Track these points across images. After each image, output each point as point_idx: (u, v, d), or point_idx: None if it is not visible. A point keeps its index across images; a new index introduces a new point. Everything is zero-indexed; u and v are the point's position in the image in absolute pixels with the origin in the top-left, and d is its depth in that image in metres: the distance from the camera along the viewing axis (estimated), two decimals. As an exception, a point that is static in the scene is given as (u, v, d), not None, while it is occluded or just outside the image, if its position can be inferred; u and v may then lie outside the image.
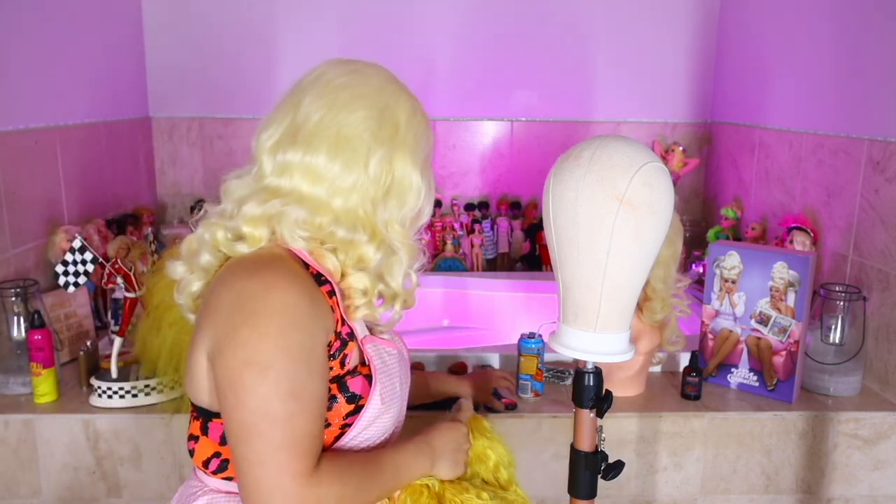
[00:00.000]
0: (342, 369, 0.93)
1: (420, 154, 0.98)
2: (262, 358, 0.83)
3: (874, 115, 1.78)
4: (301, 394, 0.84)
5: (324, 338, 0.90)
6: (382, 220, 0.96)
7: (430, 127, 1.02)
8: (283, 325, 0.85)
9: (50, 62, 2.05)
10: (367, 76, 1.00)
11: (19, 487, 1.57)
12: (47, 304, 1.74)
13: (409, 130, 0.97)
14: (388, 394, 0.97)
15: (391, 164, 0.95)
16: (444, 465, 1.03)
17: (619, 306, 0.96)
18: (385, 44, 2.78)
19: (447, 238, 2.79)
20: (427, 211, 1.01)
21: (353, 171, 0.93)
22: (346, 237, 0.93)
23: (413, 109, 1.00)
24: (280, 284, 0.87)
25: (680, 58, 2.85)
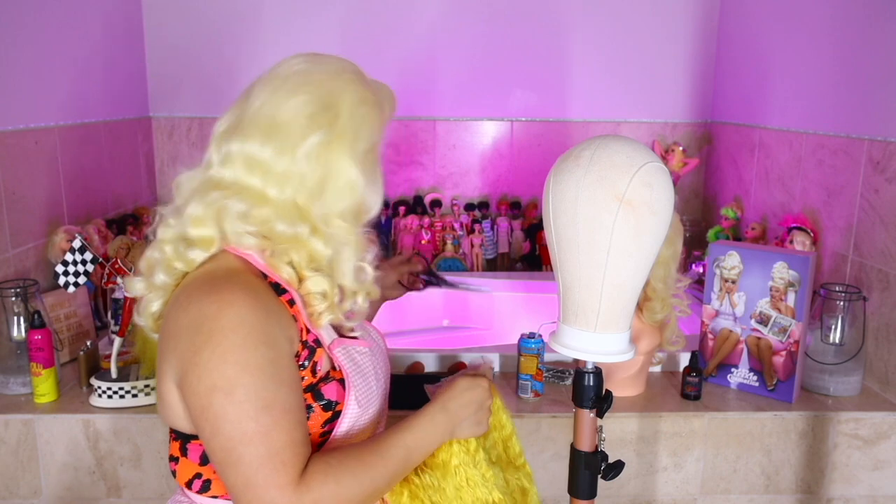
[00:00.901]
0: (314, 377, 0.92)
1: (360, 145, 0.94)
2: (226, 380, 0.82)
3: (874, 115, 1.78)
4: (272, 407, 0.83)
5: (288, 347, 0.88)
6: (321, 213, 0.92)
7: (379, 119, 0.97)
8: (241, 342, 0.83)
9: (50, 62, 2.05)
10: (323, 64, 0.97)
11: (19, 487, 1.57)
12: (47, 304, 1.74)
13: (350, 119, 0.93)
14: (363, 396, 0.96)
15: (326, 154, 0.91)
16: (465, 429, 0.99)
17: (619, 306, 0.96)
18: (385, 44, 2.78)
19: (447, 238, 2.79)
20: (372, 206, 0.97)
21: (284, 157, 0.90)
22: (286, 231, 0.91)
23: (362, 99, 0.95)
24: (235, 301, 0.85)
25: (680, 58, 2.85)
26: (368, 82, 0.99)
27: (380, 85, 1.01)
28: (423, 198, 2.89)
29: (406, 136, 2.87)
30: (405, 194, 2.93)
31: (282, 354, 0.86)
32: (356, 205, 0.94)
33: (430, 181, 2.93)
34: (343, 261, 0.94)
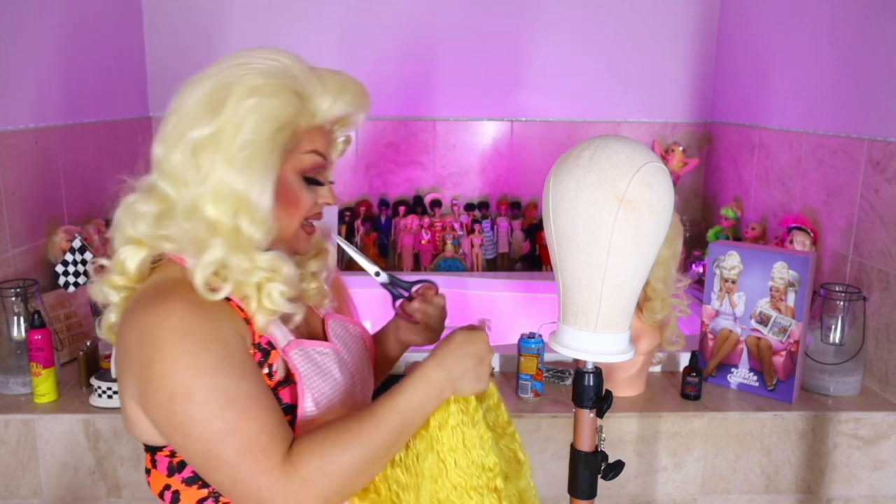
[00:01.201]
0: (271, 381, 0.90)
1: (243, 142, 0.86)
2: (183, 386, 0.81)
3: (874, 115, 1.78)
4: (236, 400, 0.82)
5: (241, 343, 0.87)
6: (210, 219, 0.87)
7: (285, 113, 0.88)
8: (189, 347, 0.82)
9: (50, 62, 2.05)
10: (248, 53, 0.91)
11: (19, 487, 1.57)
12: (47, 304, 1.74)
13: (233, 115, 0.86)
14: (323, 397, 0.93)
15: (203, 151, 0.86)
16: (465, 384, 0.93)
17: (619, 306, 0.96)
18: (385, 44, 2.79)
19: (447, 238, 2.80)
20: (259, 215, 0.88)
21: (174, 153, 0.87)
22: (184, 236, 0.87)
23: (254, 89, 0.87)
24: (175, 310, 0.83)
25: (680, 58, 2.85)
26: (277, 72, 0.89)
27: (319, 75, 0.94)
28: (423, 198, 2.89)
29: (406, 136, 2.87)
30: (405, 194, 2.93)
31: (234, 350, 0.85)
32: (234, 212, 0.87)
33: (430, 181, 2.93)
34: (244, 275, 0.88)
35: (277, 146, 0.89)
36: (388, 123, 2.86)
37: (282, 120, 0.88)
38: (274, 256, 0.90)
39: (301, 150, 0.93)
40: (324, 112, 0.94)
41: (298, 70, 0.92)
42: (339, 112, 0.96)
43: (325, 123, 0.96)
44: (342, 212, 2.81)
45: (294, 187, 0.94)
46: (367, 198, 2.92)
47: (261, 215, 0.88)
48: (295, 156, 0.93)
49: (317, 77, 0.93)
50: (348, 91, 0.95)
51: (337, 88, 0.94)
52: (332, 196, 1.00)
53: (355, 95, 0.96)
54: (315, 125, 0.95)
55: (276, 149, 0.89)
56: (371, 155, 2.88)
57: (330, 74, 0.95)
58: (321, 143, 0.96)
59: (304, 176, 0.95)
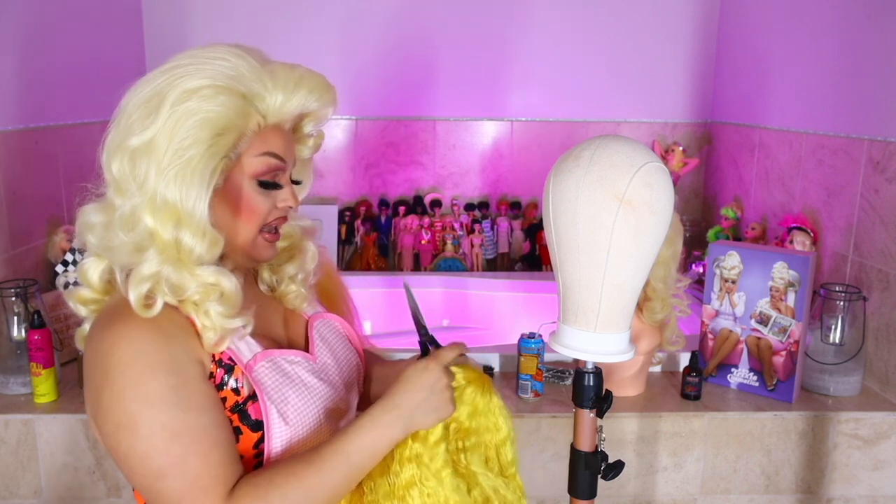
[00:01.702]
0: (238, 396, 0.87)
1: (178, 158, 0.82)
2: (128, 417, 0.79)
3: (874, 115, 1.78)
4: (181, 434, 0.80)
5: (196, 369, 0.84)
6: (149, 230, 0.83)
7: (225, 115, 0.83)
8: (138, 376, 0.80)
9: (50, 62, 2.05)
10: (193, 53, 0.87)
11: (19, 487, 1.57)
12: (47, 304, 1.74)
13: (167, 122, 0.82)
14: (293, 410, 0.89)
15: (138, 158, 0.83)
16: (421, 417, 0.89)
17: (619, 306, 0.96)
18: (385, 44, 2.79)
19: (447, 238, 2.80)
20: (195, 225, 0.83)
21: (113, 164, 0.84)
22: (122, 247, 0.84)
23: (190, 93, 0.83)
24: (126, 333, 0.81)
25: (680, 58, 2.85)
26: (218, 73, 0.85)
27: (271, 72, 0.88)
28: (423, 198, 2.89)
29: (406, 136, 2.87)
30: (405, 194, 2.93)
31: (187, 379, 0.82)
32: (174, 223, 0.83)
33: (430, 181, 2.93)
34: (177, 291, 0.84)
35: (217, 153, 0.84)
36: (388, 123, 2.86)
37: (221, 124, 0.84)
38: (212, 272, 0.85)
39: (253, 152, 0.88)
40: (276, 111, 0.89)
41: (246, 68, 0.86)
42: (295, 109, 0.90)
43: (281, 122, 0.91)
44: (342, 212, 2.81)
45: (246, 193, 0.89)
46: (367, 198, 2.92)
47: (199, 226, 0.84)
48: (246, 159, 0.88)
49: (268, 74, 0.88)
50: (304, 86, 0.90)
51: (290, 85, 0.89)
52: (293, 198, 0.94)
53: (313, 90, 0.91)
54: (269, 125, 0.90)
55: (216, 155, 0.84)
56: (371, 155, 2.88)
57: (283, 70, 0.90)
58: (277, 144, 0.90)
59: (258, 180, 0.89)
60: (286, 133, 0.93)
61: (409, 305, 1.06)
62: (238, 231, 0.90)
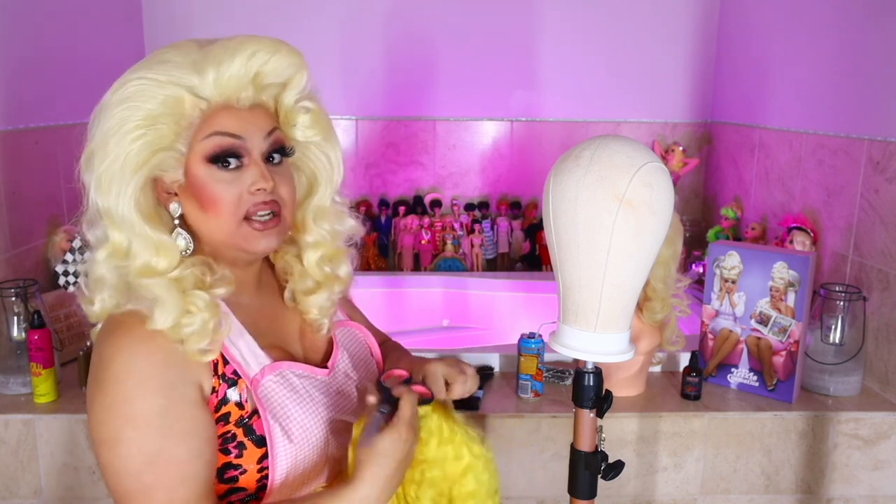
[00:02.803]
0: (243, 410, 0.86)
1: (104, 163, 0.81)
2: (109, 433, 0.80)
3: (874, 115, 1.78)
4: (155, 462, 0.79)
5: (190, 392, 0.83)
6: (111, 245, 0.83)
7: (143, 116, 0.81)
8: (129, 392, 0.80)
9: (50, 62, 2.05)
10: (155, 53, 0.85)
11: (19, 487, 1.57)
12: (47, 304, 1.74)
13: (99, 131, 0.82)
14: (297, 428, 0.87)
15: (87, 166, 0.83)
16: (396, 485, 0.86)
17: (619, 306, 0.96)
18: (385, 44, 2.79)
19: (447, 238, 2.79)
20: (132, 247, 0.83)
21: (84, 176, 0.84)
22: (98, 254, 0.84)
23: (122, 98, 0.81)
24: (125, 347, 0.81)
25: (680, 58, 2.85)
26: (144, 68, 0.82)
27: (207, 51, 0.84)
28: (423, 198, 2.89)
29: (406, 136, 2.87)
30: (405, 194, 2.93)
31: (176, 402, 0.81)
32: (127, 234, 0.83)
33: (430, 181, 2.93)
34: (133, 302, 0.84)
35: (143, 146, 0.82)
36: (388, 123, 2.86)
37: (144, 114, 0.81)
38: (157, 287, 0.83)
39: (200, 136, 0.85)
40: (215, 89, 0.83)
41: (176, 54, 0.83)
42: (236, 80, 0.84)
43: (230, 100, 0.85)
44: (342, 212, 2.81)
45: (205, 181, 0.85)
46: (367, 198, 2.92)
47: (141, 233, 0.83)
48: (196, 145, 0.85)
49: (203, 54, 0.83)
50: (241, 52, 0.83)
51: (225, 56, 0.83)
52: (263, 178, 0.86)
53: (255, 53, 0.84)
54: (215, 106, 0.85)
55: (144, 149, 0.82)
56: (371, 155, 2.88)
57: (219, 44, 0.84)
58: (227, 122, 0.85)
59: (211, 159, 0.85)
60: (243, 111, 0.86)
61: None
62: (212, 226, 0.87)
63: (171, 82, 0.82)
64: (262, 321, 0.96)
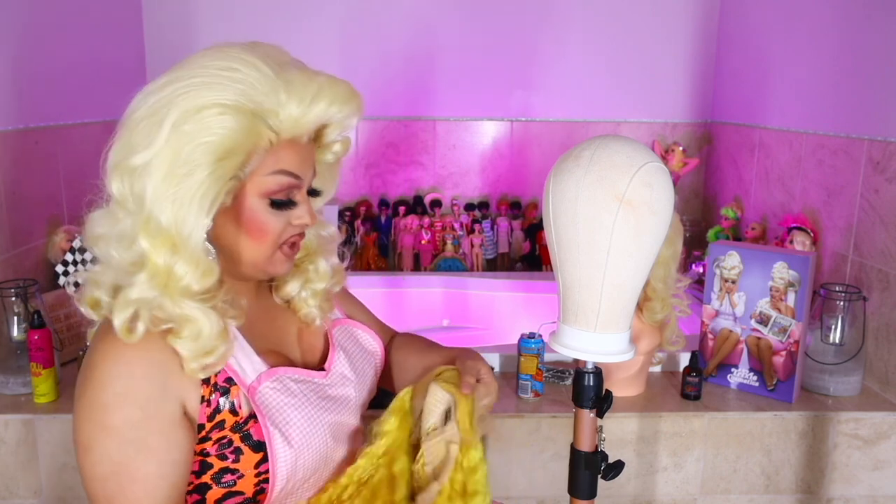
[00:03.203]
0: (237, 416, 0.86)
1: (177, 183, 0.78)
2: (86, 438, 0.80)
3: (874, 115, 1.78)
4: (119, 474, 0.79)
5: (167, 406, 0.82)
6: (143, 252, 0.80)
7: (224, 146, 0.78)
8: (108, 400, 0.79)
9: (50, 62, 2.05)
10: (203, 61, 0.81)
11: (19, 487, 1.57)
12: (47, 304, 1.74)
13: (168, 143, 0.78)
14: (297, 433, 0.87)
15: (137, 178, 0.79)
16: None
17: (619, 306, 0.96)
18: (385, 44, 2.79)
19: (447, 238, 2.79)
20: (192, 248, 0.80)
21: (114, 181, 0.81)
22: (116, 263, 0.82)
23: (192, 113, 0.78)
24: (112, 353, 0.81)
25: (680, 58, 2.85)
26: (227, 87, 0.79)
27: (288, 82, 0.82)
28: (423, 198, 2.89)
29: (406, 136, 2.87)
30: (405, 194, 2.93)
31: (152, 417, 0.81)
32: (170, 249, 0.80)
33: (430, 181, 2.93)
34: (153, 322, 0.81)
35: (220, 177, 0.79)
36: (388, 123, 2.86)
37: (226, 147, 0.79)
38: (194, 309, 0.81)
39: (264, 171, 0.83)
40: (290, 126, 0.83)
41: (257, 79, 0.80)
42: (312, 123, 0.85)
43: (296, 137, 0.85)
44: (342, 212, 2.81)
45: (257, 213, 0.85)
46: (367, 198, 2.92)
47: (193, 256, 0.80)
48: (257, 178, 0.83)
49: (283, 85, 0.81)
50: (323, 98, 0.84)
51: (307, 98, 0.82)
52: (311, 216, 0.88)
53: (333, 101, 0.85)
54: (283, 140, 0.84)
55: (219, 180, 0.80)
56: (371, 155, 2.88)
57: (301, 79, 0.83)
58: (291, 161, 0.85)
59: (271, 199, 0.85)
60: (303, 146, 0.87)
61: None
62: (246, 250, 0.86)
63: (249, 112, 0.80)
64: (260, 325, 0.96)
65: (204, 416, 0.86)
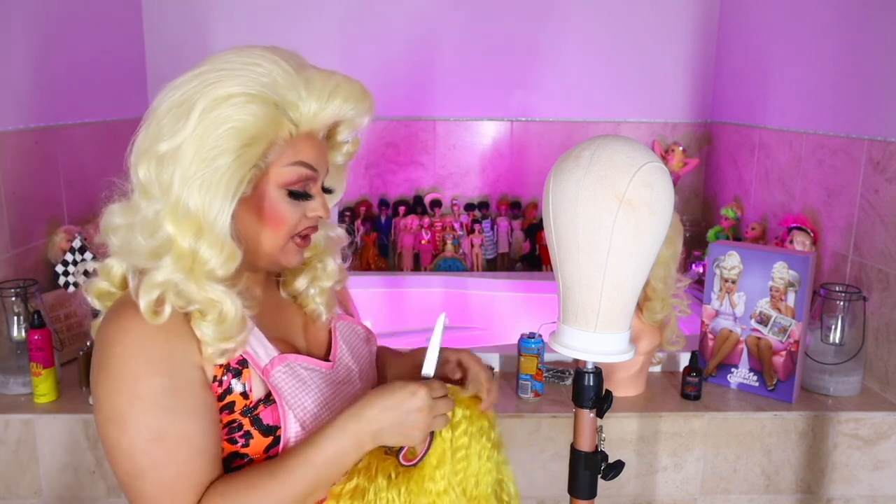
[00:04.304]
0: (248, 400, 0.87)
1: (204, 167, 0.81)
2: (117, 412, 0.81)
3: (874, 115, 1.78)
4: (164, 438, 0.81)
5: (193, 373, 0.84)
6: (169, 237, 0.83)
7: (248, 133, 0.82)
8: (134, 371, 0.81)
9: (50, 62, 2.05)
10: (227, 56, 0.85)
11: (19, 487, 1.57)
12: (47, 304, 1.74)
13: (195, 130, 0.81)
14: (310, 416, 0.90)
15: (166, 164, 0.82)
16: (389, 438, 0.87)
17: (619, 306, 0.96)
18: (385, 44, 2.79)
19: (447, 238, 2.79)
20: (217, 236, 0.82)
21: (140, 167, 0.84)
22: (142, 249, 0.84)
23: (220, 101, 0.82)
24: (130, 328, 0.82)
25: (680, 58, 2.85)
26: (251, 80, 0.83)
27: (307, 79, 0.86)
28: (423, 198, 2.89)
29: (406, 136, 2.87)
30: (405, 194, 2.93)
31: (181, 383, 0.83)
32: (195, 233, 0.82)
33: (430, 181, 2.93)
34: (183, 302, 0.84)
35: (245, 163, 0.83)
36: (388, 123, 2.86)
37: (251, 134, 0.82)
38: (219, 292, 0.84)
39: (283, 162, 0.87)
40: (309, 120, 0.87)
41: (280, 74, 0.84)
42: (329, 118, 0.89)
43: (314, 131, 0.89)
44: (342, 212, 2.81)
45: (275, 202, 0.88)
46: (367, 198, 2.92)
47: (219, 239, 0.83)
48: (276, 169, 0.87)
49: (303, 81, 0.86)
50: (339, 95, 0.88)
51: (325, 93, 0.87)
52: (325, 209, 0.92)
53: (348, 99, 0.89)
54: (301, 134, 0.88)
55: (244, 166, 0.83)
56: (371, 155, 2.88)
57: (319, 77, 0.87)
58: (309, 153, 0.89)
59: (288, 190, 0.88)
60: (319, 141, 0.91)
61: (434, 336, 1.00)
62: (263, 239, 0.89)
63: (273, 103, 0.84)
64: (268, 315, 0.98)
65: (216, 394, 0.87)
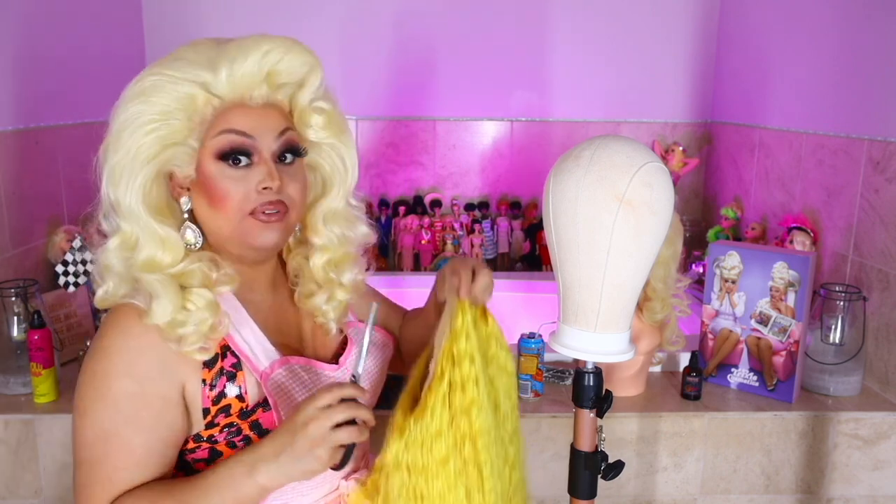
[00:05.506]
0: (243, 403, 0.88)
1: (115, 155, 0.84)
2: (84, 402, 0.84)
3: (874, 115, 1.78)
4: (108, 441, 0.83)
5: (163, 386, 0.84)
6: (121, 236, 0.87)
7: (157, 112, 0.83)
8: (109, 369, 0.83)
9: (50, 62, 2.05)
10: (174, 51, 0.88)
11: (19, 487, 1.57)
12: (47, 304, 1.74)
13: (113, 125, 0.86)
14: None
15: (103, 157, 0.86)
16: (289, 468, 0.79)
17: (619, 306, 0.96)
18: (385, 44, 2.78)
19: (447, 238, 2.79)
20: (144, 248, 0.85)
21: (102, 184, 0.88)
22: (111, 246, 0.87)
23: (135, 95, 0.84)
24: (121, 327, 0.85)
25: (680, 58, 2.85)
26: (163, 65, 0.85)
27: (222, 48, 0.85)
28: (423, 198, 2.89)
29: (406, 136, 2.87)
30: (405, 194, 2.93)
31: (149, 394, 0.84)
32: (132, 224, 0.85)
33: (430, 181, 2.93)
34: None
35: (155, 142, 0.84)
36: (388, 123, 2.86)
37: (156, 111, 0.83)
38: (153, 281, 0.84)
39: (212, 133, 0.86)
40: (228, 86, 0.85)
41: (191, 52, 0.85)
42: (249, 78, 0.85)
43: (243, 99, 0.87)
44: (342, 212, 2.81)
45: (216, 179, 0.86)
46: (367, 198, 2.91)
47: (143, 225, 0.84)
48: (207, 142, 0.86)
49: (217, 51, 0.85)
50: (255, 51, 0.84)
51: (239, 55, 0.84)
52: (270, 177, 0.86)
53: (269, 52, 0.85)
54: (229, 104, 0.86)
55: (154, 144, 0.84)
56: (371, 155, 2.88)
57: (234, 42, 0.86)
58: (239, 121, 0.86)
59: (222, 157, 0.86)
60: (255, 109, 0.88)
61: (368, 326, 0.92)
62: (219, 221, 0.88)
63: (185, 79, 0.84)
64: (273, 319, 0.97)
65: (208, 400, 0.87)
